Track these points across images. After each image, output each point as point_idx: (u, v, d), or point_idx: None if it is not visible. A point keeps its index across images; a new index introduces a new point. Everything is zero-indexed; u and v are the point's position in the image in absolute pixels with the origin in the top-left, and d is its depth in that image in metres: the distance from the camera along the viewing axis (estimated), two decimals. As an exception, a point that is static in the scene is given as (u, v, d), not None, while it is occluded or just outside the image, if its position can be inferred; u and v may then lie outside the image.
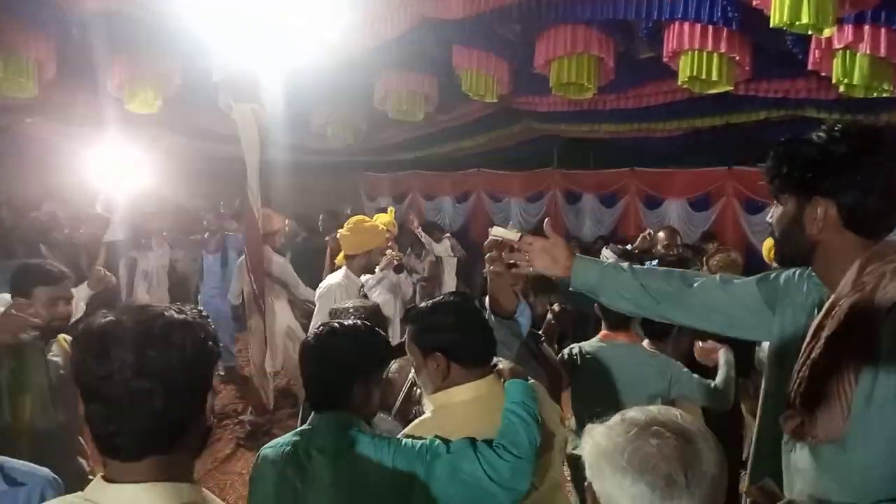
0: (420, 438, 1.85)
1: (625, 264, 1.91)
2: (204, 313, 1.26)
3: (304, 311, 5.91)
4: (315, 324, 4.29)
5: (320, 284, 4.75)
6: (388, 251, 5.13)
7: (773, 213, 1.67)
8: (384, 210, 6.15)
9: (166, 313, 1.17)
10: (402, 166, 13.74)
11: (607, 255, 4.76)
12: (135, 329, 1.13)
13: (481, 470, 1.75)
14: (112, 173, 7.79)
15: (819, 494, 1.50)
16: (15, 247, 6.55)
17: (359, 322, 2.10)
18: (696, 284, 1.84)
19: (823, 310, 1.52)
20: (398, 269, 5.23)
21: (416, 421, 1.97)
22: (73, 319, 3.23)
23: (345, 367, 1.95)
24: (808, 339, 1.53)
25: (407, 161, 13.02)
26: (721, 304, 1.82)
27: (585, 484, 1.21)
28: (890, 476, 1.40)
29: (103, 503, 1.13)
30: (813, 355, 1.47)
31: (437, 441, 1.82)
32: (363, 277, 4.82)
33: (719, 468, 1.14)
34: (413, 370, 2.06)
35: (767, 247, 4.94)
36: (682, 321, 1.93)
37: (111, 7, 5.14)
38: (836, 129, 1.55)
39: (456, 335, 1.94)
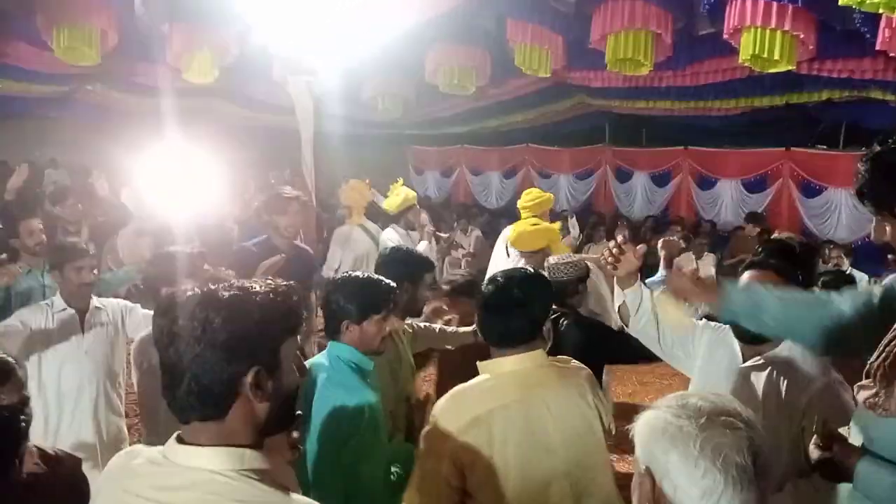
0: None
1: (772, 293, 1.89)
2: (283, 285, 1.28)
3: None
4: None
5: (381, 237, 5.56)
6: (427, 226, 5.63)
7: (885, 231, 1.63)
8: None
9: (213, 289, 1.22)
10: (450, 140, 13.72)
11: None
12: (180, 301, 1.21)
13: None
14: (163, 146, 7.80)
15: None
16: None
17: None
18: (830, 317, 1.79)
19: None
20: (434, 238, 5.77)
21: (467, 383, 2.01)
22: None
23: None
24: None
25: (455, 135, 13.00)
26: (848, 329, 1.78)
27: (643, 468, 1.19)
28: None
29: (175, 461, 1.21)
30: None
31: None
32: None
33: (771, 454, 1.14)
34: None
35: (516, 232, 4.50)
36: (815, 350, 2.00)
37: (172, -23, 5.24)
38: None
39: (479, 321, 2.08)
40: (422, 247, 5.48)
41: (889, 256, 1.61)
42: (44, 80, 7.69)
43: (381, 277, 2.45)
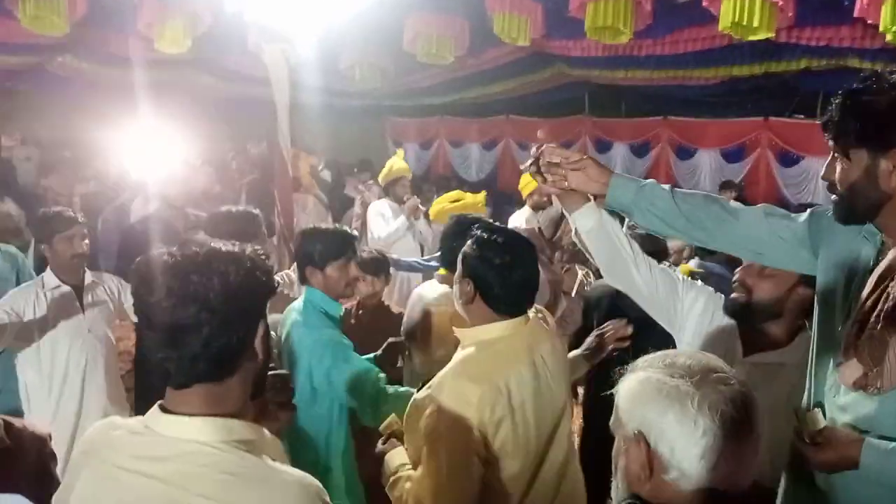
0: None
1: (665, 185, 1.85)
2: (260, 252, 1.29)
3: None
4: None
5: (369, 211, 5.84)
6: (411, 199, 5.64)
7: (835, 169, 1.60)
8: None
9: (213, 244, 1.21)
10: (429, 111, 13.59)
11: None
12: (180, 257, 1.17)
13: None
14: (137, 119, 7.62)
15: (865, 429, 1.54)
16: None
17: None
18: (737, 213, 1.81)
19: (887, 259, 1.52)
20: (417, 216, 5.71)
21: (460, 356, 1.98)
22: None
23: None
24: (869, 287, 1.52)
25: (434, 106, 12.87)
26: (758, 235, 1.79)
27: (633, 433, 1.16)
28: None
29: (158, 431, 1.18)
30: (885, 306, 1.48)
31: None
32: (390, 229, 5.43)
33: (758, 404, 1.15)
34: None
35: (437, 208, 4.55)
36: (713, 247, 1.91)
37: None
38: None
39: (494, 277, 1.93)
40: (399, 222, 5.45)
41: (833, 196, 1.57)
42: (10, 51, 7.48)
43: (345, 228, 2.77)
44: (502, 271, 1.91)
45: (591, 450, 3.13)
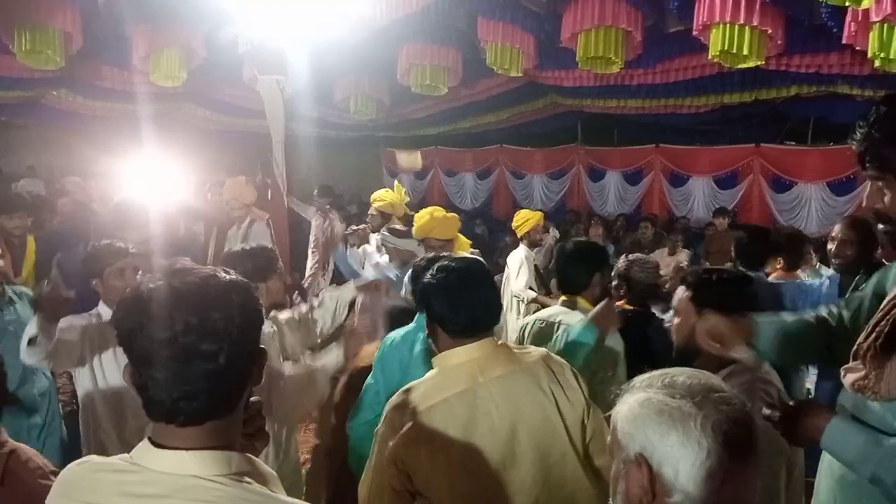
0: None
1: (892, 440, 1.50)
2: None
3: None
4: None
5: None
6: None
7: (881, 198, 1.55)
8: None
9: (218, 274, 1.14)
10: (423, 142, 13.68)
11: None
12: (194, 291, 1.10)
13: None
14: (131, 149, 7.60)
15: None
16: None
17: None
18: None
19: None
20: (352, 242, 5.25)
21: (424, 377, 1.96)
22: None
23: None
24: (891, 296, 1.52)
25: (429, 137, 12.96)
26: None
27: (633, 455, 1.13)
28: None
29: (151, 468, 1.09)
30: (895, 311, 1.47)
31: None
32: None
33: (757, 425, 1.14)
34: None
35: (433, 219, 4.24)
36: None
37: (137, -22, 5.14)
38: None
39: (441, 302, 1.93)
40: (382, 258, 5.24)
41: (880, 226, 1.51)
42: (6, 85, 7.52)
43: None
44: (448, 294, 1.91)
45: None
